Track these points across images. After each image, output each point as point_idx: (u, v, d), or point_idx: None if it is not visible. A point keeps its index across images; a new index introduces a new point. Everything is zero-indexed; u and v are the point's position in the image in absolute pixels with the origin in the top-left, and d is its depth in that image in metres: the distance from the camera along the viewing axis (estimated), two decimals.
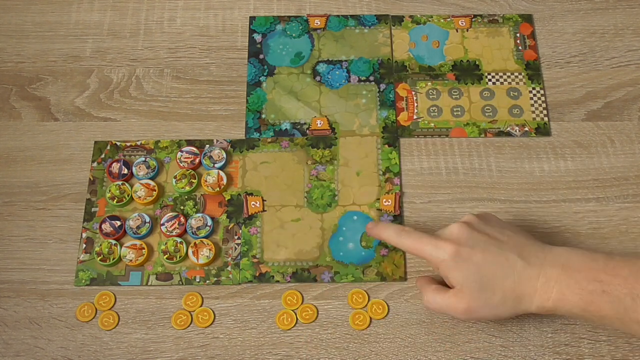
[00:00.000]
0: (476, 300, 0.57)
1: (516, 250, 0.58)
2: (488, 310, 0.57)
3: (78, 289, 0.68)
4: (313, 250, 0.69)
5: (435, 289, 0.59)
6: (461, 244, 0.58)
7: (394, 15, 0.81)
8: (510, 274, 0.57)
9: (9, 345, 0.65)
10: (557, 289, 0.56)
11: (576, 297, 0.55)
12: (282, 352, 0.65)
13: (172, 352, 0.65)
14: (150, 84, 0.78)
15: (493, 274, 0.57)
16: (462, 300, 0.57)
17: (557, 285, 0.56)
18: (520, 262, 0.57)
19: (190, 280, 0.68)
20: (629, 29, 0.81)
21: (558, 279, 0.56)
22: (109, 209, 0.71)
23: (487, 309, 0.57)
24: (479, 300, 0.57)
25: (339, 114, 0.75)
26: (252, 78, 0.78)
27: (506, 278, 0.56)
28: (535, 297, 0.56)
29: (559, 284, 0.55)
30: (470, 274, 0.57)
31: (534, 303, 0.57)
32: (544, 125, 0.75)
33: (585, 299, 0.54)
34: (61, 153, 0.74)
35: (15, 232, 0.70)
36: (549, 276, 0.56)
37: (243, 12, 0.82)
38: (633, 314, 0.53)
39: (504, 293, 0.56)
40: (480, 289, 0.56)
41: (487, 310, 0.57)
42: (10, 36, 0.81)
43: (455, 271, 0.57)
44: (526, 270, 0.57)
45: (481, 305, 0.57)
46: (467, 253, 0.57)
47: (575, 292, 0.55)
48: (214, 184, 0.71)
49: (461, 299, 0.57)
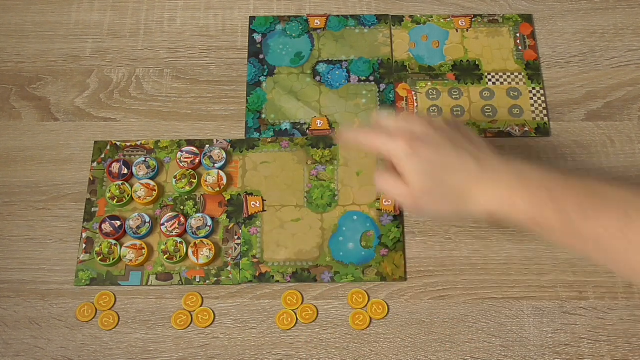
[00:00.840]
0: (422, 193, 0.56)
1: (474, 154, 0.57)
2: (432, 203, 0.57)
3: (78, 289, 0.68)
4: (313, 250, 0.69)
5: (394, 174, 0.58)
6: (414, 138, 0.57)
7: (394, 15, 0.81)
8: (460, 171, 0.56)
9: (9, 345, 0.65)
10: (508, 194, 0.54)
11: (525, 205, 0.53)
12: (282, 352, 0.65)
13: (172, 352, 0.65)
14: (150, 84, 0.78)
15: (443, 169, 0.56)
16: (410, 191, 0.57)
17: (508, 190, 0.54)
18: (473, 163, 0.56)
19: (190, 280, 0.68)
20: (629, 29, 0.81)
21: (510, 184, 0.55)
22: (109, 209, 0.71)
23: (431, 202, 0.57)
24: (424, 192, 0.56)
25: (339, 114, 0.75)
26: (252, 78, 0.78)
27: (455, 174, 0.56)
28: (483, 198, 0.55)
29: (510, 189, 0.54)
30: (421, 166, 0.56)
31: (480, 204, 0.55)
32: (544, 126, 0.75)
33: (534, 207, 0.53)
34: (61, 153, 0.74)
35: (15, 232, 0.70)
36: (500, 181, 0.55)
37: (243, 12, 0.82)
38: (578, 229, 0.52)
39: (450, 188, 0.56)
40: (428, 180, 0.56)
41: (430, 203, 0.57)
42: (10, 36, 0.81)
43: (406, 163, 0.56)
44: (478, 172, 0.56)
45: (426, 198, 0.56)
46: (419, 147, 0.56)
47: (525, 199, 0.54)
48: (214, 184, 0.71)
49: (409, 191, 0.57)
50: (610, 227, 0.51)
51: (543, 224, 0.53)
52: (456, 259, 0.69)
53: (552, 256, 0.68)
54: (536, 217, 0.53)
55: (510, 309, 0.66)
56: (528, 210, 0.53)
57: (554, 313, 0.66)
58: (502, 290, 0.67)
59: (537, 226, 0.54)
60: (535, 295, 0.67)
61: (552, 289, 0.67)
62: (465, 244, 0.69)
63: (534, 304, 0.66)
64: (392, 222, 0.70)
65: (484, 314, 0.66)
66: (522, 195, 0.54)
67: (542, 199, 0.53)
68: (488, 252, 0.69)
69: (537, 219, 0.53)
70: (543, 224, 0.53)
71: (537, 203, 0.53)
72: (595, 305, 0.66)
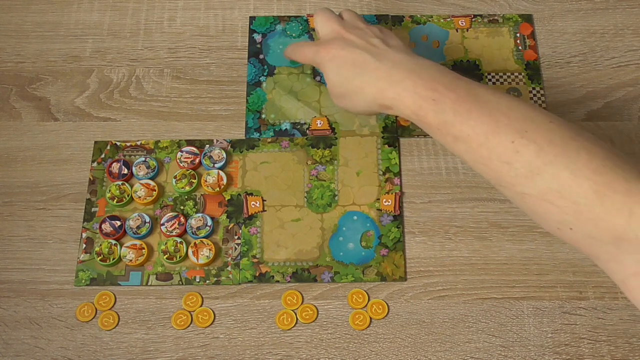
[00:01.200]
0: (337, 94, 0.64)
1: (375, 51, 0.62)
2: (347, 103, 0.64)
3: (78, 289, 0.68)
4: (313, 250, 0.69)
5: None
6: (330, 46, 0.64)
7: (394, 15, 0.81)
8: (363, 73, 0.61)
9: (9, 345, 0.65)
10: (399, 89, 0.58)
11: (410, 100, 0.57)
12: (282, 352, 0.65)
13: (172, 352, 0.65)
14: (150, 84, 0.78)
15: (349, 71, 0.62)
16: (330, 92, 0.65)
17: (399, 85, 0.58)
18: (372, 61, 0.61)
19: (190, 280, 0.68)
20: (629, 29, 0.81)
21: (401, 80, 0.59)
22: (109, 209, 0.71)
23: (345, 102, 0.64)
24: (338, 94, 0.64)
25: (339, 114, 0.75)
26: (252, 78, 0.78)
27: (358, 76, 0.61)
28: (379, 94, 0.60)
29: (401, 84, 0.58)
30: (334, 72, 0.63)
31: (376, 101, 0.60)
32: None
33: (417, 103, 0.57)
34: (61, 153, 0.74)
35: (15, 232, 0.70)
36: (394, 76, 0.59)
37: (243, 12, 0.82)
38: (451, 128, 0.55)
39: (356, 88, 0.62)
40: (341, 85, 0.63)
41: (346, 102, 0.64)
42: (10, 36, 0.81)
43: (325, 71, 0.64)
44: (376, 69, 0.60)
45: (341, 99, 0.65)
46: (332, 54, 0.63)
47: (410, 94, 0.57)
48: (214, 184, 0.71)
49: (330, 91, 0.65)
50: (478, 131, 0.54)
51: (422, 120, 0.57)
52: (456, 259, 0.69)
53: (552, 256, 0.69)
54: (418, 112, 0.57)
55: (510, 309, 0.66)
56: (411, 106, 0.57)
57: (554, 313, 0.66)
58: (502, 290, 0.67)
59: (418, 121, 0.58)
60: (535, 295, 0.67)
61: (552, 289, 0.67)
62: (465, 244, 0.69)
63: (534, 304, 0.66)
64: (392, 222, 0.70)
65: (484, 314, 0.66)
66: (409, 92, 0.58)
67: (424, 98, 0.57)
68: (488, 252, 0.69)
69: (418, 114, 0.57)
70: (423, 120, 0.57)
71: (420, 101, 0.57)
72: (595, 305, 0.66)
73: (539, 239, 0.69)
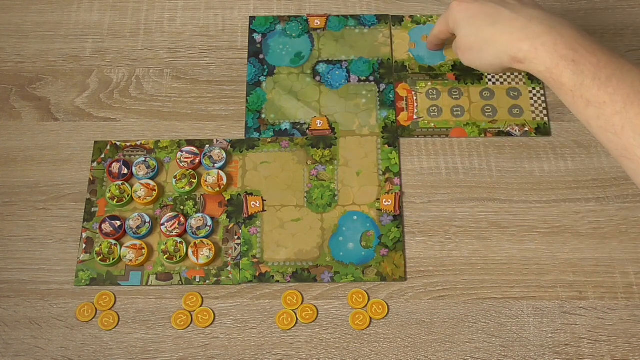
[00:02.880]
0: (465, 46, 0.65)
1: (510, 5, 0.62)
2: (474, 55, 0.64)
3: (78, 289, 0.68)
4: (313, 250, 0.69)
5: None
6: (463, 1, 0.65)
7: (394, 15, 0.81)
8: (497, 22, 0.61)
9: (9, 345, 0.65)
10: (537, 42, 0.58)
11: (547, 56, 0.57)
12: (282, 352, 0.65)
13: (172, 352, 0.65)
14: (150, 84, 0.78)
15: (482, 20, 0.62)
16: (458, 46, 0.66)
17: (538, 39, 0.58)
18: (508, 12, 0.61)
19: (190, 280, 0.68)
20: (629, 29, 0.81)
21: (540, 34, 0.58)
22: (109, 209, 0.71)
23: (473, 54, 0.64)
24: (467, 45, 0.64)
25: (339, 114, 0.76)
26: (252, 78, 0.78)
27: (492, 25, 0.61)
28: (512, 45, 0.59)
29: (539, 38, 0.58)
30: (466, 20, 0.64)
31: (508, 51, 0.60)
32: (544, 125, 0.75)
33: (554, 60, 0.56)
34: (61, 153, 0.74)
35: (15, 232, 0.70)
36: (532, 29, 0.59)
37: (243, 12, 0.82)
38: (586, 92, 0.54)
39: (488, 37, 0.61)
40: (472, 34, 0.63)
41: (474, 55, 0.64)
42: (10, 36, 0.81)
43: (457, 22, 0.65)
44: (512, 19, 0.60)
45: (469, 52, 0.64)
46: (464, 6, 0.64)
47: (549, 50, 0.57)
48: (214, 184, 0.71)
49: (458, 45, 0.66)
50: (616, 99, 0.53)
51: (556, 79, 0.56)
52: (456, 259, 0.69)
53: (552, 256, 0.69)
54: (553, 70, 0.56)
55: (510, 309, 0.66)
56: (547, 62, 0.56)
57: (554, 313, 0.66)
58: (502, 290, 0.67)
59: (551, 79, 0.57)
60: (535, 295, 0.67)
61: (552, 289, 0.67)
62: (465, 244, 0.69)
63: (534, 304, 0.66)
64: (392, 222, 0.70)
65: (484, 314, 0.66)
66: (547, 48, 0.57)
67: (564, 57, 0.56)
68: (488, 252, 0.69)
69: (552, 72, 0.56)
70: (556, 78, 0.56)
71: (558, 59, 0.56)
72: (595, 305, 0.66)
73: (539, 239, 0.69)
